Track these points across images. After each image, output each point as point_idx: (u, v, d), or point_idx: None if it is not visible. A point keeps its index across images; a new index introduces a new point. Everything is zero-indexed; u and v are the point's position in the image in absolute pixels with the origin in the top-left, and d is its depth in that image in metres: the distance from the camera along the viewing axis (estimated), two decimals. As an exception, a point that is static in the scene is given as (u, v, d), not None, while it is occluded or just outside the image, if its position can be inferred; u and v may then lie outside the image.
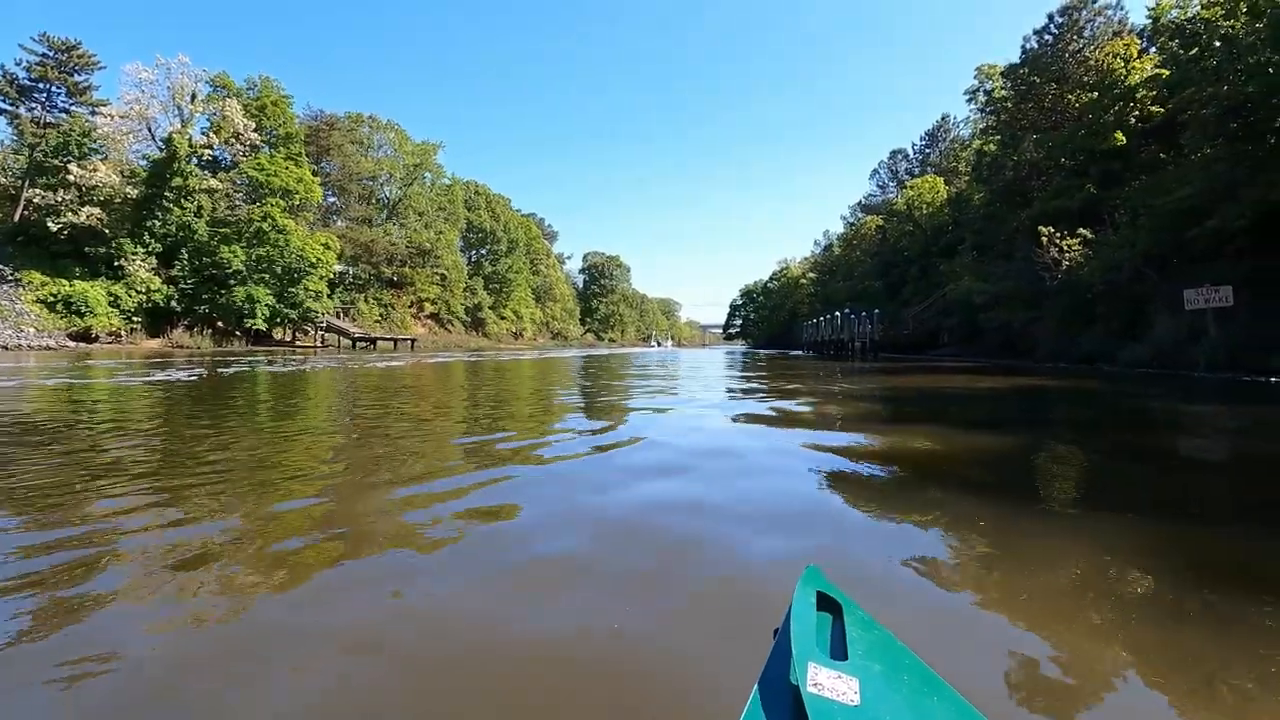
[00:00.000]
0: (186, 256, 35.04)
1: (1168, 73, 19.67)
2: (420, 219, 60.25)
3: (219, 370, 13.21)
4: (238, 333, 36.53)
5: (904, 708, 0.79)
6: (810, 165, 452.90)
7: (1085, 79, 21.59)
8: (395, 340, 42.48)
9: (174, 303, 33.91)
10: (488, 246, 73.38)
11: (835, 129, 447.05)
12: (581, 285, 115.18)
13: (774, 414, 6.35)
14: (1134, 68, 20.22)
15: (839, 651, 0.90)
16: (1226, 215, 14.00)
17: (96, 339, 30.31)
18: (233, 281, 35.70)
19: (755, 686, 0.81)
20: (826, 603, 1.02)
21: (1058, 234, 18.49)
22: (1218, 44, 14.69)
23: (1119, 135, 20.18)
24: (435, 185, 64.39)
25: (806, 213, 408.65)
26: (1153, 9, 22.77)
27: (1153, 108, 19.92)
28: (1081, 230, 17.95)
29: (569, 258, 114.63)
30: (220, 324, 36.05)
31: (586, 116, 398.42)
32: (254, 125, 38.77)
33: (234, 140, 38.20)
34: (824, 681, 0.78)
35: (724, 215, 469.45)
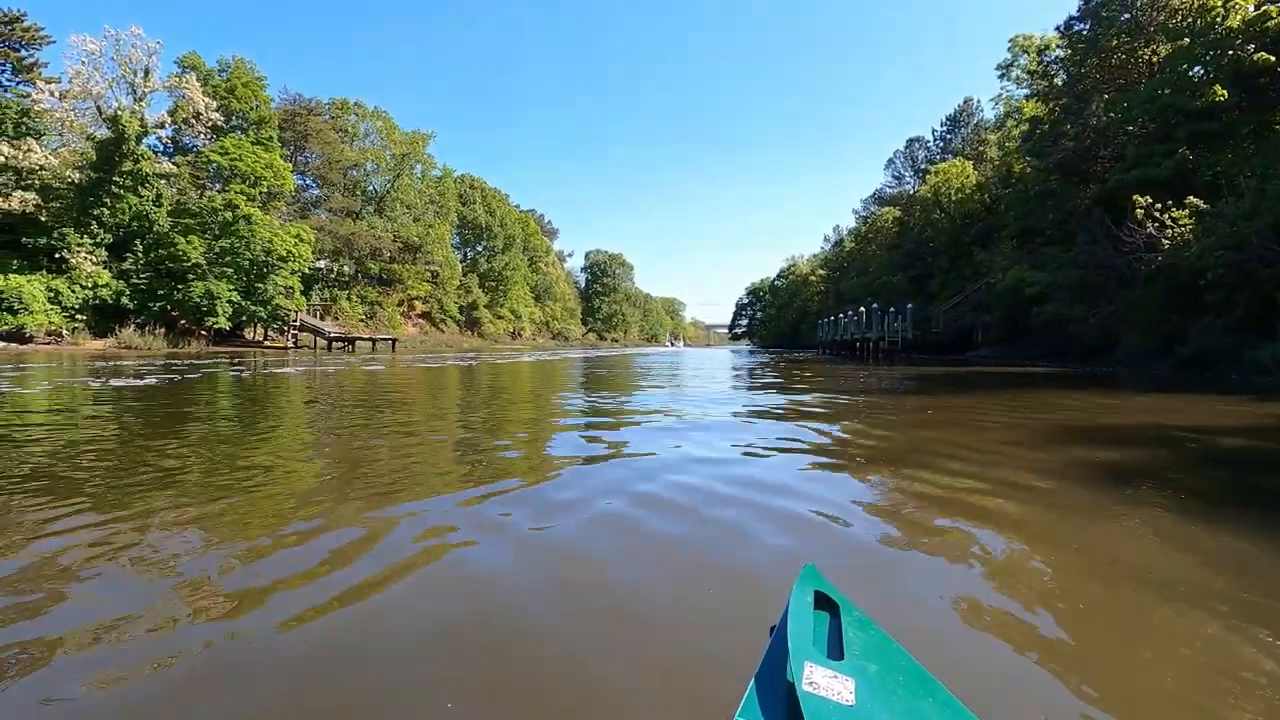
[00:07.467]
0: (142, 248, 31.83)
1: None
2: (409, 212, 56.80)
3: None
4: (201, 332, 33.30)
5: (898, 709, 0.76)
6: (818, 164, 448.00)
7: (1170, 24, 17.96)
8: (374, 340, 39.13)
9: (125, 299, 30.65)
10: (483, 243, 70.07)
11: (842, 126, 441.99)
12: (583, 284, 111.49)
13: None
14: (1234, 5, 16.59)
15: (836, 651, 0.88)
16: None
17: (31, 339, 27.02)
18: (191, 276, 32.48)
19: (751, 683, 0.78)
20: (824, 602, 0.99)
21: (1157, 206, 14.84)
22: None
23: (1218, 90, 16.56)
24: (426, 177, 61.10)
25: (815, 210, 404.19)
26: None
27: (1258, 55, 16.31)
28: (1192, 200, 14.28)
29: (570, 255, 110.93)
30: (182, 323, 32.90)
31: (587, 113, 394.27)
32: (216, 106, 35.38)
33: (194, 121, 34.86)
34: (820, 680, 0.76)
35: (730, 213, 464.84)
